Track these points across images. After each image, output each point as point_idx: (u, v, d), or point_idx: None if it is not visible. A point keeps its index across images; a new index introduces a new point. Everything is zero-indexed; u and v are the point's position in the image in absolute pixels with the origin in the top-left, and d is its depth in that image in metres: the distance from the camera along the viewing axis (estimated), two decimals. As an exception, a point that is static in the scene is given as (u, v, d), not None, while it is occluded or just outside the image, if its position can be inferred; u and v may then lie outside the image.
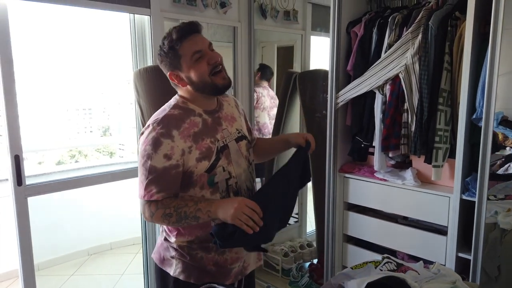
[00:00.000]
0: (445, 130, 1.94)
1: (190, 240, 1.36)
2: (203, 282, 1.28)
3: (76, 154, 7.01)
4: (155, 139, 1.24)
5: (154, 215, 1.26)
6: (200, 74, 1.28)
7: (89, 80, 8.26)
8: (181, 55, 1.27)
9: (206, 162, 1.29)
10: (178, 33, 1.27)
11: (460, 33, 1.87)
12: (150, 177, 1.24)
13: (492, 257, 1.97)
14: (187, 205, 1.24)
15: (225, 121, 1.40)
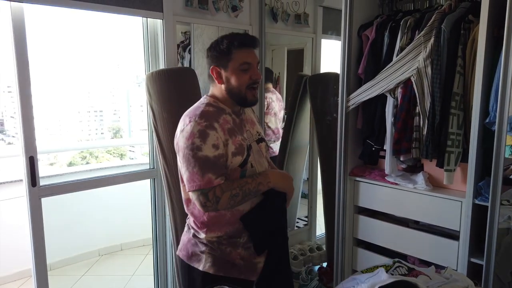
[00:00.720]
0: (457, 134, 1.93)
1: (220, 236, 1.43)
2: (231, 276, 1.40)
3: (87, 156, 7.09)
4: (202, 131, 1.32)
5: (221, 199, 1.32)
6: (240, 82, 1.40)
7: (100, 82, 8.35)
8: (232, 58, 1.39)
9: (240, 157, 1.39)
10: (241, 40, 1.39)
11: (473, 36, 1.86)
12: (205, 166, 1.31)
13: (505, 263, 1.95)
14: (247, 182, 1.36)
15: (247, 124, 1.51)
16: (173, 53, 2.28)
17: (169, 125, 2.09)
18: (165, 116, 2.10)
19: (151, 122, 2.18)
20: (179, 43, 2.58)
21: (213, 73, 1.43)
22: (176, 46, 2.33)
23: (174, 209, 2.15)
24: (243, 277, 1.46)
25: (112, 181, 2.25)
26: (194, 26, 2.52)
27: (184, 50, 2.65)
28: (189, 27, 2.52)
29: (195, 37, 2.60)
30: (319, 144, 3.05)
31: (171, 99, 2.10)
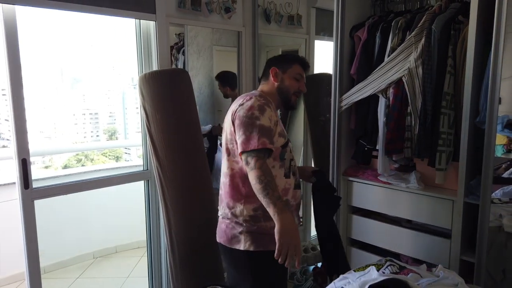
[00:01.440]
0: (448, 133, 1.95)
1: (255, 207, 1.56)
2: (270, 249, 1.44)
3: (82, 158, 7.06)
4: (260, 106, 1.54)
5: (254, 170, 1.45)
6: (291, 86, 1.70)
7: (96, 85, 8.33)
8: (292, 67, 1.71)
9: (283, 139, 1.62)
10: (302, 61, 1.76)
11: (463, 36, 1.88)
12: (262, 132, 1.49)
13: (497, 261, 1.96)
14: (274, 191, 1.43)
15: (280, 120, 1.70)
16: (166, 55, 2.29)
17: (163, 126, 2.10)
18: (158, 117, 2.10)
19: (144, 123, 2.18)
20: (173, 45, 2.58)
21: (272, 72, 1.70)
22: (169, 48, 2.33)
23: (168, 211, 2.15)
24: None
25: (106, 183, 2.25)
26: (188, 28, 2.53)
27: (178, 52, 2.65)
28: (183, 28, 2.52)
29: (189, 38, 2.61)
30: (313, 145, 3.06)
31: (164, 101, 2.11)
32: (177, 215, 2.13)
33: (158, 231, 2.43)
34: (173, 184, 2.11)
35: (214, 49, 2.84)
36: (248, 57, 2.72)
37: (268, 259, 1.48)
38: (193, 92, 2.23)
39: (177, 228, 2.14)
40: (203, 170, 2.21)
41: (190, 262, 2.14)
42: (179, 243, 2.14)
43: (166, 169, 2.12)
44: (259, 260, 1.57)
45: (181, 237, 2.13)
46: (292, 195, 1.65)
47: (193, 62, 2.73)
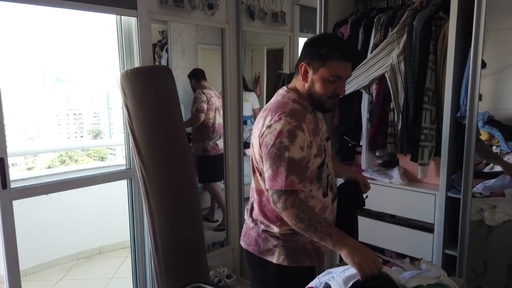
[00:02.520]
0: (430, 129, 1.96)
1: (291, 228, 1.38)
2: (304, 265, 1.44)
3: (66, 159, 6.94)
4: (291, 131, 1.29)
5: (287, 210, 1.30)
6: (323, 91, 1.36)
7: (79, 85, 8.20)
8: (326, 66, 1.33)
9: (319, 158, 1.38)
10: (342, 53, 1.33)
11: (444, 33, 1.90)
12: (291, 168, 1.29)
13: (478, 254, 1.99)
14: (321, 223, 1.28)
15: (319, 122, 1.49)
16: (148, 52, 2.25)
17: (145, 124, 2.07)
18: (141, 115, 2.07)
19: (127, 122, 2.15)
20: (156, 42, 2.55)
21: (301, 68, 1.38)
22: (151, 45, 2.30)
23: (151, 210, 2.12)
24: (315, 264, 1.49)
25: (88, 182, 2.21)
26: (172, 25, 2.50)
27: (161, 50, 2.63)
28: (166, 26, 2.50)
29: (173, 36, 2.58)
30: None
31: (147, 98, 2.08)
32: (161, 215, 2.10)
33: (142, 230, 2.40)
34: (156, 183, 2.09)
35: (199, 48, 2.82)
36: (232, 55, 2.70)
37: (299, 275, 1.43)
38: (176, 90, 2.20)
39: (161, 227, 2.11)
40: (187, 168, 2.18)
41: (174, 262, 2.12)
42: (163, 242, 2.11)
43: (149, 168, 2.09)
44: (290, 275, 1.46)
45: (165, 236, 2.11)
46: (330, 212, 1.49)
47: (178, 61, 2.70)
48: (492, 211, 2.04)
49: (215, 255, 2.77)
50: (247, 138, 3.27)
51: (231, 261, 2.88)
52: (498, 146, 3.00)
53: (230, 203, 2.83)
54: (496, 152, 2.90)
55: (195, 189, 2.23)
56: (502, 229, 1.96)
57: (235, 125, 2.79)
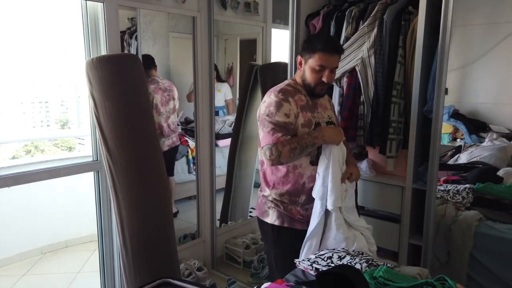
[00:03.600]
0: (398, 122, 2.00)
1: (282, 193, 1.71)
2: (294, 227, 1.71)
3: (32, 149, 6.68)
4: (277, 102, 1.62)
5: (282, 152, 1.58)
6: (311, 78, 1.65)
7: (46, 72, 7.86)
8: (313, 58, 1.62)
9: (307, 129, 1.64)
10: (324, 46, 1.61)
11: (413, 27, 1.93)
12: (276, 128, 1.60)
13: (443, 244, 2.06)
14: (304, 138, 1.60)
15: (320, 107, 1.74)
16: (115, 39, 2.17)
17: (112, 114, 2.00)
18: (108, 105, 2.00)
19: (93, 112, 2.07)
20: (125, 30, 2.46)
21: (297, 60, 1.70)
22: (119, 32, 2.22)
23: (119, 202, 2.06)
24: (301, 228, 1.71)
25: (51, 175, 2.12)
26: (142, 12, 2.42)
27: (130, 37, 2.54)
28: (136, 12, 2.41)
29: (143, 24, 2.50)
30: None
31: (114, 87, 2.00)
32: (129, 207, 2.05)
33: (109, 223, 2.34)
34: (124, 174, 2.03)
35: (171, 36, 2.75)
36: (204, 44, 2.65)
37: (290, 235, 1.71)
38: (145, 79, 2.14)
39: (129, 220, 2.06)
40: (156, 159, 2.14)
41: (143, 255, 2.08)
42: (132, 235, 2.06)
43: (116, 160, 2.02)
44: (283, 235, 1.73)
45: (134, 229, 2.06)
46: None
47: (148, 49, 2.63)
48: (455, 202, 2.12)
49: (186, 247, 2.74)
50: (220, 130, 3.23)
51: (203, 253, 2.86)
52: (462, 139, 3.12)
53: (201, 195, 2.80)
54: (460, 145, 3.00)
55: (164, 181, 2.19)
56: (465, 219, 2.03)
57: (207, 116, 2.74)
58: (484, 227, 1.97)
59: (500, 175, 2.40)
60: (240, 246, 2.90)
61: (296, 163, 1.66)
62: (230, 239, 3.03)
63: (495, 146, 2.77)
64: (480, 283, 1.96)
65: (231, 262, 2.94)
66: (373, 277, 1.20)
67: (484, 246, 1.95)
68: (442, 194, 2.15)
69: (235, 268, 2.88)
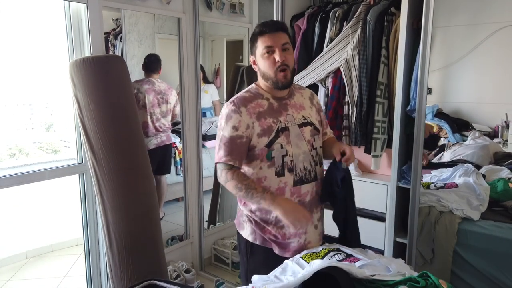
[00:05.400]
0: (383, 122, 2.03)
1: (252, 210, 1.57)
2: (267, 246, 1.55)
3: (16, 153, 6.56)
4: (227, 114, 1.51)
5: (228, 182, 1.49)
6: (266, 66, 1.49)
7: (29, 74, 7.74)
8: (257, 46, 1.50)
9: (266, 138, 1.50)
10: (260, 27, 1.50)
11: (396, 28, 1.96)
12: (220, 144, 1.51)
13: (427, 241, 2.10)
14: (256, 189, 1.46)
15: (291, 108, 1.58)
16: (99, 40, 2.16)
17: (97, 117, 1.98)
18: (92, 107, 1.98)
19: (77, 114, 2.05)
20: (110, 31, 2.44)
21: (251, 61, 1.57)
22: (103, 33, 2.20)
23: (105, 205, 2.05)
24: (277, 252, 1.56)
25: (35, 178, 2.09)
26: (128, 13, 2.41)
27: (115, 39, 2.52)
28: (120, 13, 2.39)
29: (129, 25, 2.49)
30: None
31: (98, 89, 1.99)
32: (115, 210, 2.04)
33: (95, 227, 2.32)
34: (109, 177, 2.01)
35: (156, 37, 2.74)
36: (190, 45, 2.65)
37: (263, 254, 1.56)
38: (130, 81, 2.13)
39: (115, 223, 2.04)
40: (142, 161, 2.13)
41: (130, 258, 2.06)
42: (118, 238, 2.05)
43: (101, 162, 2.01)
44: (255, 251, 1.60)
45: (120, 232, 2.04)
46: (291, 193, 1.52)
47: (134, 51, 2.61)
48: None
49: (174, 249, 2.73)
50: (207, 131, 3.23)
51: (190, 255, 2.85)
52: (446, 138, 3.17)
53: (189, 196, 2.79)
54: (444, 143, 3.05)
55: (150, 183, 2.18)
56: (448, 217, 2.06)
57: (193, 117, 2.74)
58: (466, 224, 2.01)
59: (483, 172, 2.45)
60: (228, 247, 2.90)
61: (259, 176, 1.51)
62: (218, 240, 3.03)
63: (477, 145, 2.83)
64: (463, 278, 2.00)
65: (220, 263, 2.93)
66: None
67: (467, 242, 1.98)
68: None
69: (224, 269, 2.88)
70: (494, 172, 2.51)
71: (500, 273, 1.90)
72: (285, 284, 1.20)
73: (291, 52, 1.53)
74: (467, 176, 2.33)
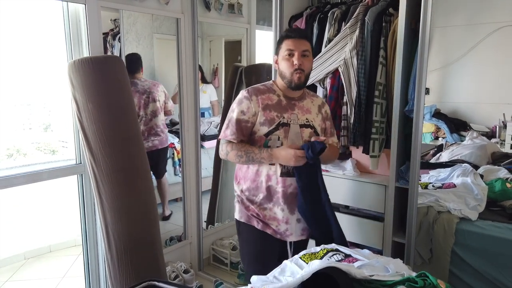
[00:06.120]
0: (381, 122, 2.03)
1: (243, 188, 1.76)
2: (251, 224, 1.73)
3: (14, 153, 6.55)
4: (240, 99, 1.71)
5: (229, 153, 1.69)
6: (285, 67, 1.67)
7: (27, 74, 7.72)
8: (281, 47, 1.69)
9: (266, 127, 1.67)
10: (286, 32, 1.72)
11: (394, 29, 1.96)
12: (228, 124, 1.70)
13: (425, 241, 2.10)
14: (254, 152, 1.65)
15: (298, 109, 1.73)
16: (98, 41, 2.15)
17: (95, 117, 1.98)
18: (90, 107, 1.98)
19: (75, 114, 2.05)
20: (108, 31, 2.44)
21: (274, 60, 1.75)
22: (101, 33, 2.20)
23: (103, 205, 2.05)
24: (259, 227, 1.73)
25: (33, 179, 2.09)
26: (126, 13, 2.41)
27: (113, 39, 2.52)
28: (119, 14, 2.39)
29: (127, 25, 2.48)
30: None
31: (97, 89, 1.99)
32: (114, 210, 2.03)
33: (94, 227, 2.31)
34: (108, 178, 2.01)
35: (155, 37, 2.74)
36: (188, 46, 2.65)
37: (248, 232, 1.75)
38: (128, 81, 2.12)
39: (113, 223, 2.04)
40: (141, 161, 2.12)
41: (128, 259, 2.06)
42: (116, 239, 2.05)
43: (100, 162, 2.01)
44: (242, 229, 1.79)
45: (118, 232, 2.04)
46: (277, 182, 1.70)
47: (132, 50, 2.61)
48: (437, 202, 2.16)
49: (172, 250, 2.73)
50: (205, 131, 3.23)
51: (189, 255, 2.85)
52: (444, 138, 3.18)
53: (187, 197, 2.79)
54: (442, 143, 3.07)
55: (149, 183, 2.18)
56: (446, 217, 2.07)
57: (192, 118, 2.74)
58: (464, 224, 2.02)
59: (480, 173, 2.46)
60: (227, 248, 2.90)
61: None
62: (216, 240, 3.03)
63: (475, 145, 2.84)
64: (461, 278, 2.00)
65: (218, 264, 2.94)
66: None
67: (465, 242, 1.99)
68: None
69: (222, 270, 2.88)
70: (491, 172, 2.52)
71: (498, 272, 1.91)
72: (284, 285, 1.20)
73: (310, 59, 1.71)
74: (465, 176, 2.34)
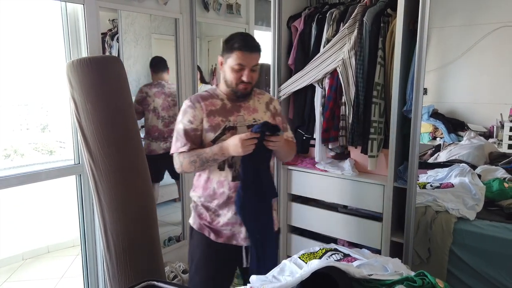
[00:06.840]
0: (379, 122, 2.04)
1: (199, 196, 1.73)
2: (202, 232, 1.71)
3: (11, 154, 6.54)
4: (184, 110, 1.66)
5: (183, 163, 1.64)
6: (232, 78, 1.60)
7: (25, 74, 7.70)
8: (231, 57, 1.58)
9: (212, 134, 1.63)
10: (241, 44, 1.57)
11: (392, 29, 1.97)
12: (178, 136, 1.66)
13: (423, 240, 2.11)
14: (205, 152, 1.60)
15: (244, 110, 1.68)
16: (96, 41, 2.15)
17: (94, 117, 1.98)
18: (89, 107, 1.97)
19: (74, 115, 2.04)
20: (107, 31, 2.44)
21: (218, 60, 1.65)
22: (100, 34, 2.20)
23: (102, 206, 2.04)
24: (212, 238, 1.70)
25: (31, 179, 2.08)
26: (124, 13, 2.40)
27: (112, 39, 2.51)
28: (117, 14, 2.39)
29: (125, 25, 2.48)
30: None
31: (95, 89, 1.98)
32: (112, 210, 2.03)
33: (92, 227, 2.31)
34: (106, 178, 2.01)
35: (153, 38, 2.73)
36: (186, 46, 2.65)
37: (198, 240, 1.73)
38: (127, 81, 2.12)
39: (112, 223, 2.04)
40: (140, 161, 2.12)
41: (127, 259, 2.06)
42: (115, 239, 2.04)
43: (98, 163, 2.00)
44: (195, 236, 1.76)
45: (117, 233, 2.04)
46: (229, 187, 1.64)
47: (130, 51, 2.60)
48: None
49: (171, 250, 2.73)
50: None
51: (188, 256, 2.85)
52: (441, 138, 3.19)
53: (185, 197, 2.79)
54: (440, 143, 3.08)
55: (148, 183, 2.17)
56: (444, 216, 2.08)
57: (190, 118, 2.73)
58: (462, 223, 2.03)
59: (478, 172, 2.47)
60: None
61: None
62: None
63: (473, 145, 2.85)
64: (459, 278, 2.01)
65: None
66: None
67: (463, 242, 2.00)
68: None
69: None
70: (489, 172, 2.53)
71: (496, 272, 1.92)
72: (283, 284, 1.21)
73: (257, 72, 1.65)
74: (463, 176, 2.35)
